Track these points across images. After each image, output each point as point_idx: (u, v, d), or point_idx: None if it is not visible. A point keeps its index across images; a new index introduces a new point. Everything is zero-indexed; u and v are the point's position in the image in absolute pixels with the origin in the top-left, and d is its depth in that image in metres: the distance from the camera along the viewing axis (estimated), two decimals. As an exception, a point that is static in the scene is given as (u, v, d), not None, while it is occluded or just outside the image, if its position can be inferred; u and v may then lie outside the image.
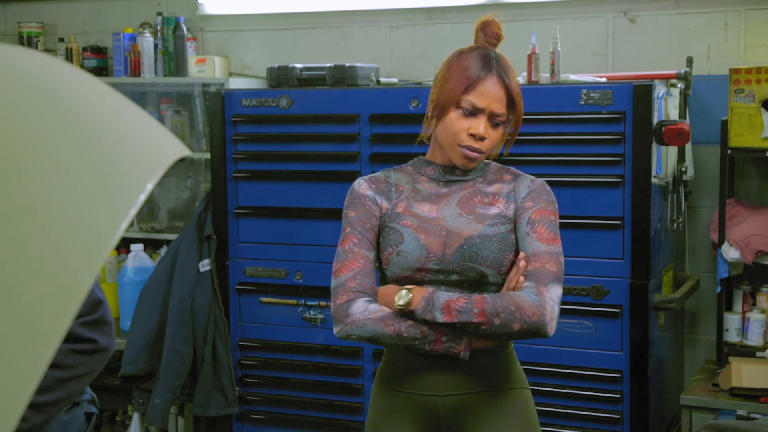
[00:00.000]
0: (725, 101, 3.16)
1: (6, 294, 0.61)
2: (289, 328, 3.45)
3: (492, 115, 1.95)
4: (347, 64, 3.46)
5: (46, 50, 4.40)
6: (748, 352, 3.17)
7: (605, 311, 3.00)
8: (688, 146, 3.28)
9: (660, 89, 3.04)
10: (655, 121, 2.96)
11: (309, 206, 3.38)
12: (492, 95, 1.94)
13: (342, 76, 3.44)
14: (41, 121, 0.70)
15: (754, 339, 3.19)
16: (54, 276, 0.63)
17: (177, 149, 0.77)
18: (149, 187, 0.70)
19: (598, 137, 2.99)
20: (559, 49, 3.22)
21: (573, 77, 3.22)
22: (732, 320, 3.24)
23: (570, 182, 3.01)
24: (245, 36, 4.18)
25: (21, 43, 4.38)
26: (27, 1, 4.56)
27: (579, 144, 3.02)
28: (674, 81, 3.24)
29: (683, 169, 3.24)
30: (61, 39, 4.34)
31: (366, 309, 1.88)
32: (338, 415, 3.40)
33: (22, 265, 0.63)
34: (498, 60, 1.99)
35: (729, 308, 3.29)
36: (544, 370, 3.03)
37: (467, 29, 3.82)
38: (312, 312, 3.41)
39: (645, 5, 3.55)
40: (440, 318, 1.82)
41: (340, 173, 3.32)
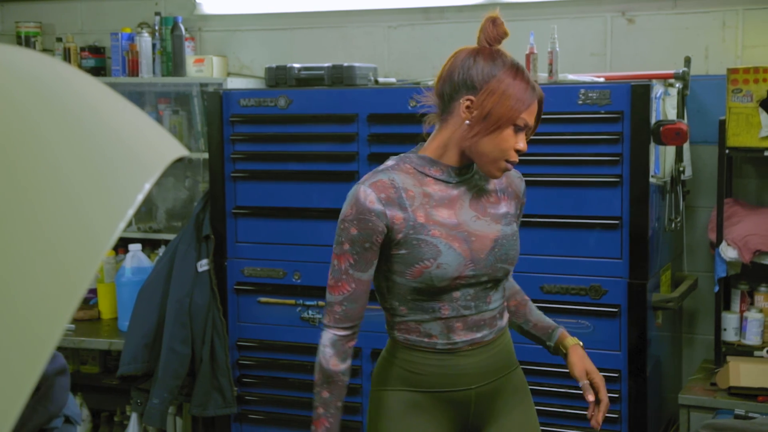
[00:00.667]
0: (723, 101, 3.16)
1: (3, 294, 0.61)
2: (288, 328, 3.45)
3: (528, 129, 2.01)
4: (345, 64, 3.46)
5: (44, 50, 4.39)
6: (746, 352, 3.17)
7: (603, 311, 3.00)
8: (686, 146, 3.28)
9: (658, 89, 3.04)
10: (653, 121, 2.96)
11: (307, 206, 3.38)
12: (534, 111, 1.99)
13: (340, 76, 3.44)
14: (39, 121, 0.70)
15: (752, 338, 3.19)
16: (51, 276, 0.63)
17: (175, 149, 0.77)
18: (147, 187, 0.70)
19: (596, 137, 2.99)
20: (557, 49, 3.22)
21: (571, 77, 3.22)
22: (730, 320, 3.25)
23: (568, 182, 3.01)
24: (243, 36, 4.18)
25: (19, 43, 4.38)
26: (25, 1, 4.56)
27: (577, 144, 3.02)
28: (672, 81, 3.24)
29: (681, 169, 3.24)
30: (59, 39, 4.34)
31: (325, 348, 2.04)
32: (336, 415, 3.40)
33: (20, 266, 0.63)
34: (527, 72, 2.04)
35: (727, 308, 3.29)
36: (544, 370, 3.03)
37: (465, 29, 3.84)
38: (310, 312, 3.41)
39: (643, 5, 3.55)
40: None
41: (339, 173, 3.32)
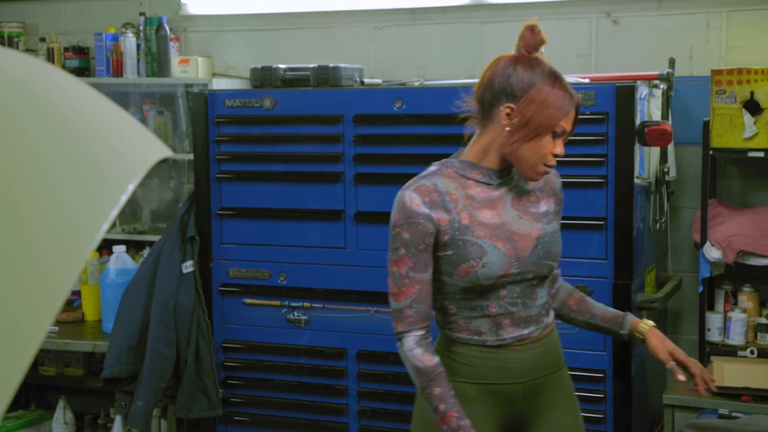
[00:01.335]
0: (707, 102, 3.18)
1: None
2: (273, 330, 3.44)
3: (565, 134, 2.07)
4: (331, 65, 3.45)
5: (27, 50, 4.37)
6: (730, 352, 3.19)
7: (588, 311, 3.01)
8: (671, 147, 3.30)
9: (642, 90, 3.05)
10: (638, 122, 2.97)
11: (293, 207, 3.37)
12: (572, 118, 2.06)
13: (326, 77, 3.44)
14: (22, 121, 0.69)
15: (736, 338, 3.21)
16: (34, 277, 0.63)
17: (159, 150, 0.76)
18: (131, 188, 0.69)
19: (581, 138, 2.99)
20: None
21: (556, 78, 3.22)
22: (714, 320, 3.26)
23: (553, 183, 3.02)
24: (228, 36, 4.17)
25: (1, 44, 4.35)
26: (7, 1, 4.53)
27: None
28: (657, 82, 3.26)
29: (666, 170, 3.26)
30: (43, 39, 4.31)
31: (412, 351, 2.03)
32: (322, 417, 3.40)
33: (2, 266, 0.62)
34: (564, 79, 2.09)
35: (711, 308, 3.31)
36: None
37: (451, 30, 3.85)
38: (296, 313, 3.40)
39: (628, 6, 3.57)
40: None
41: (324, 174, 3.32)
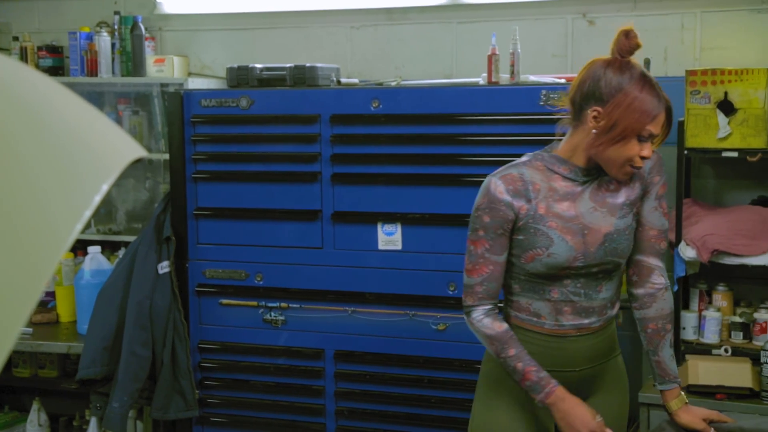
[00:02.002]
0: (681, 102, 3.20)
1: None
2: (250, 330, 3.43)
3: (654, 137, 2.12)
4: (308, 65, 3.45)
5: (0, 49, 4.32)
6: (705, 350, 3.21)
7: (565, 310, 3.02)
8: (646, 147, 3.32)
9: (618, 90, 3.07)
10: (614, 122, 2.99)
11: (269, 207, 3.36)
12: (661, 121, 2.11)
13: (302, 77, 3.43)
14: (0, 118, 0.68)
15: (710, 337, 3.24)
16: (6, 277, 0.62)
17: (133, 150, 0.76)
18: (105, 188, 0.69)
19: (558, 138, 3.00)
20: (519, 51, 3.24)
21: (533, 78, 3.24)
22: (689, 318, 3.29)
23: (530, 182, 3.02)
24: (204, 36, 4.14)
25: (-26, 42, 4.30)
26: (-20, -1, 4.48)
27: (538, 144, 3.01)
28: (632, 82, 3.27)
29: (641, 170, 3.28)
30: (16, 38, 4.26)
31: (481, 321, 2.14)
32: (300, 417, 3.39)
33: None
34: (658, 84, 2.12)
35: (686, 307, 3.33)
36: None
37: (428, 30, 3.85)
38: (273, 314, 3.39)
39: (603, 7, 3.59)
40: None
41: (301, 174, 3.31)
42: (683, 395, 2.27)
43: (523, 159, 2.19)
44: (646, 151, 2.09)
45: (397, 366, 3.25)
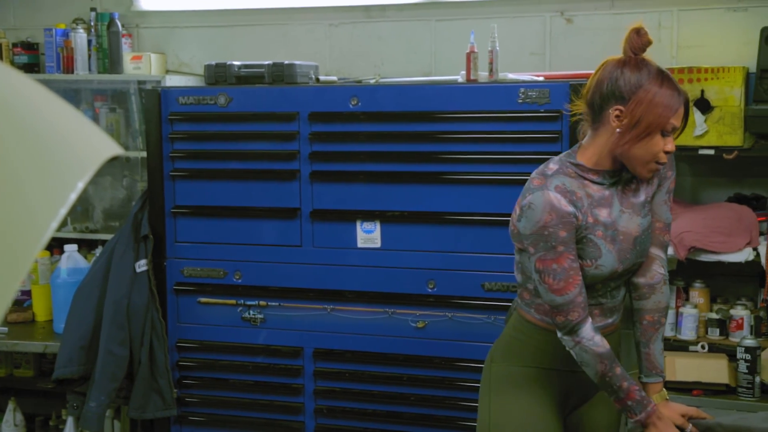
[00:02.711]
0: (659, 100, 3.21)
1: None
2: (229, 329, 3.42)
3: (676, 131, 2.13)
4: (286, 62, 3.43)
5: (-25, 46, 4.27)
6: (682, 347, 3.24)
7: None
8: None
9: (596, 88, 3.08)
10: (592, 120, 3.00)
11: (248, 205, 3.35)
12: (681, 114, 2.12)
13: (281, 74, 3.41)
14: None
15: (687, 333, 3.26)
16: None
17: (109, 147, 0.75)
18: (80, 186, 0.68)
19: (536, 135, 3.02)
20: (497, 48, 3.25)
21: (511, 76, 3.25)
22: (666, 315, 3.31)
23: (507, 180, 3.03)
24: (182, 33, 4.12)
25: (-52, 38, 4.25)
26: (-46, -5, 4.43)
27: (516, 142, 3.05)
28: (610, 80, 3.29)
29: (619, 167, 3.29)
30: (-9, 34, 4.22)
31: (592, 339, 2.08)
32: (279, 416, 3.38)
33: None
34: (673, 77, 2.14)
35: (663, 303, 3.35)
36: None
37: (407, 27, 3.85)
38: (251, 312, 3.38)
39: (581, 5, 3.60)
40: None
41: (279, 172, 3.30)
42: (665, 391, 2.29)
43: (554, 167, 2.14)
44: (670, 146, 2.10)
45: (376, 364, 3.25)
